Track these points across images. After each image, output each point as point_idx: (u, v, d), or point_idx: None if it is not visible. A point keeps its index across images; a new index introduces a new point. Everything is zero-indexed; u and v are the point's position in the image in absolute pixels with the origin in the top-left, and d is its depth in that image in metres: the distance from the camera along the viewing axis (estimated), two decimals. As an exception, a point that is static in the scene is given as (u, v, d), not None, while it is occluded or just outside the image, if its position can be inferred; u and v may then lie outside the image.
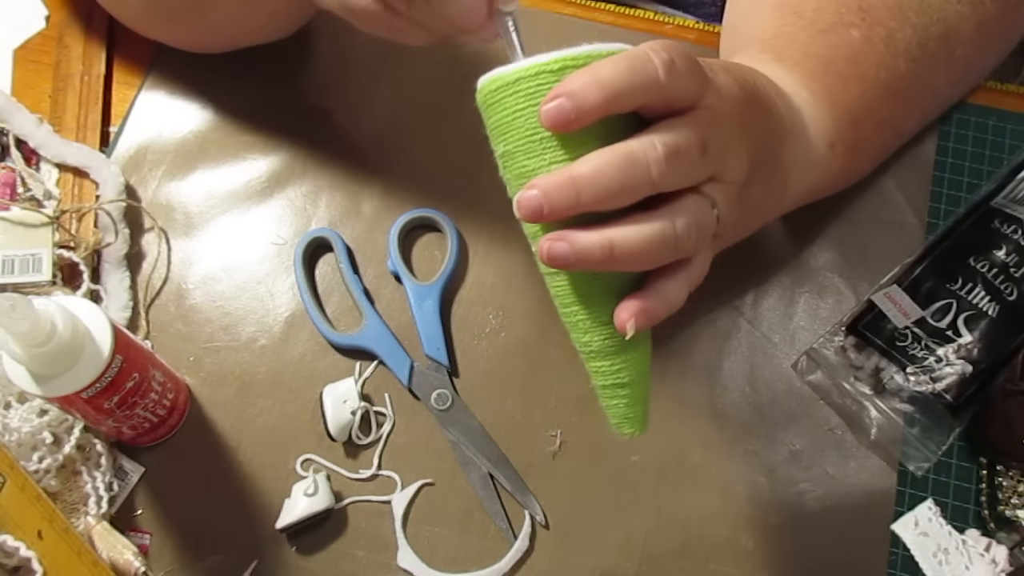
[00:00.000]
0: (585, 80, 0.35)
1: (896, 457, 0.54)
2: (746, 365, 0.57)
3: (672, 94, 0.37)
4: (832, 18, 0.53)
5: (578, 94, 0.35)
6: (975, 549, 0.52)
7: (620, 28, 0.67)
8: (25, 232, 0.57)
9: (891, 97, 0.54)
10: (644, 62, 0.36)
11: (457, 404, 0.57)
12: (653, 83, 0.36)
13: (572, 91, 0.35)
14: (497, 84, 0.38)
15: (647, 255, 0.37)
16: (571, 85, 0.36)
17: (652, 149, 0.36)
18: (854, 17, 0.53)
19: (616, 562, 0.53)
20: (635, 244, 0.37)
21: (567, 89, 0.36)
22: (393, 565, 0.54)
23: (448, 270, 0.59)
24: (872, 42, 0.53)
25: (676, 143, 0.37)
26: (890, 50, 0.53)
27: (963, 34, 0.55)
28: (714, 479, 0.55)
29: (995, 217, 0.57)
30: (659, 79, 0.36)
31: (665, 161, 0.36)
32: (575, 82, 0.36)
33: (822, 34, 0.53)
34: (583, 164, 0.36)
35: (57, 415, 0.53)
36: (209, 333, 0.59)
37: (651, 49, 0.37)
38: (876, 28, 0.53)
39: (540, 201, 0.36)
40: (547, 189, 0.36)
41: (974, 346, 0.53)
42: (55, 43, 0.65)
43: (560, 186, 0.36)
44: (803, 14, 0.54)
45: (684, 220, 0.38)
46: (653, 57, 0.36)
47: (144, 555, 0.53)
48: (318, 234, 0.60)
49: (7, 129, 0.61)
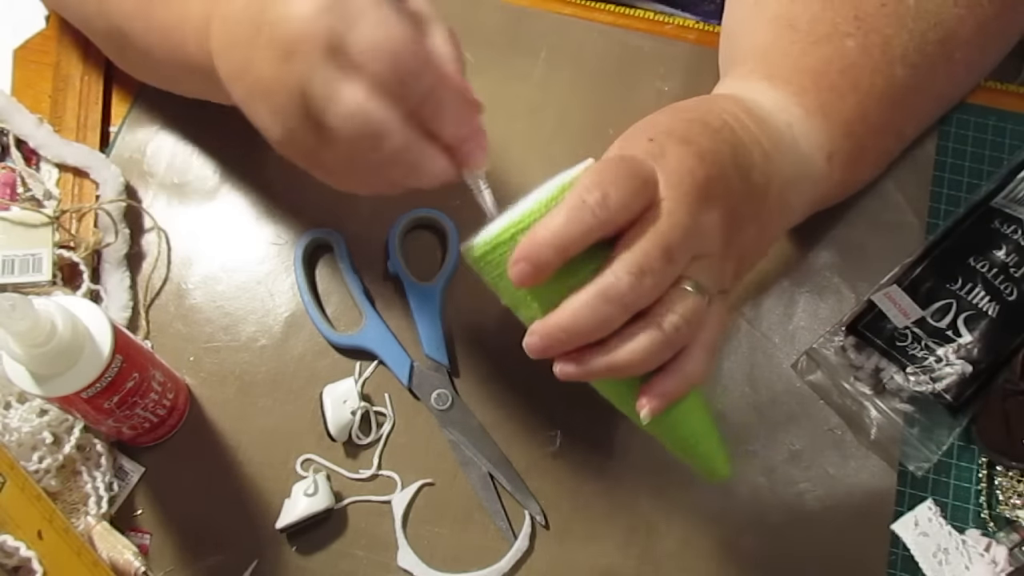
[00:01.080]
0: (534, 242, 0.39)
1: (896, 457, 0.54)
2: (746, 365, 0.57)
3: (617, 221, 0.40)
4: (827, 29, 0.53)
5: (532, 256, 0.39)
6: (975, 549, 0.52)
7: (620, 28, 0.67)
8: (25, 232, 0.57)
9: (889, 104, 0.54)
10: (578, 210, 0.39)
11: (457, 404, 0.57)
12: (594, 224, 0.39)
13: (527, 255, 0.39)
14: (472, 257, 0.42)
15: (646, 363, 0.41)
16: (524, 250, 0.39)
17: (618, 282, 0.39)
18: (849, 27, 0.52)
19: (616, 562, 0.53)
20: (632, 358, 0.41)
21: (522, 254, 0.39)
22: (393, 565, 0.54)
23: (448, 270, 0.59)
24: (868, 50, 0.52)
25: (638, 265, 0.40)
26: (886, 57, 0.53)
27: (961, 37, 0.55)
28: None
29: (995, 217, 0.57)
30: (597, 219, 0.39)
31: (631, 289, 0.39)
32: (525, 247, 0.39)
33: (815, 46, 0.52)
34: (564, 312, 0.40)
35: (57, 415, 0.53)
36: (209, 333, 0.59)
37: (583, 191, 0.39)
38: (872, 36, 0.52)
39: (540, 346, 0.41)
40: (543, 336, 0.41)
41: (974, 346, 0.53)
42: (55, 43, 0.65)
43: (551, 335, 0.41)
44: (798, 27, 0.53)
45: (670, 319, 0.41)
46: (587, 199, 0.39)
47: (144, 555, 0.53)
48: (318, 234, 0.60)
49: (7, 129, 0.61)
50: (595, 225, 0.39)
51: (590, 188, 0.39)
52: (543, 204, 0.41)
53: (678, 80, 0.65)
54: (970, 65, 0.58)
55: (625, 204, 0.40)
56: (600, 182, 0.39)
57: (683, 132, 0.44)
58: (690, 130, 0.44)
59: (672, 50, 0.66)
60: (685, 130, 0.44)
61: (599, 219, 0.39)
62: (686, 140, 0.43)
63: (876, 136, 0.55)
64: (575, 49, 0.66)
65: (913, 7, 0.53)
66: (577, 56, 0.66)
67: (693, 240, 0.41)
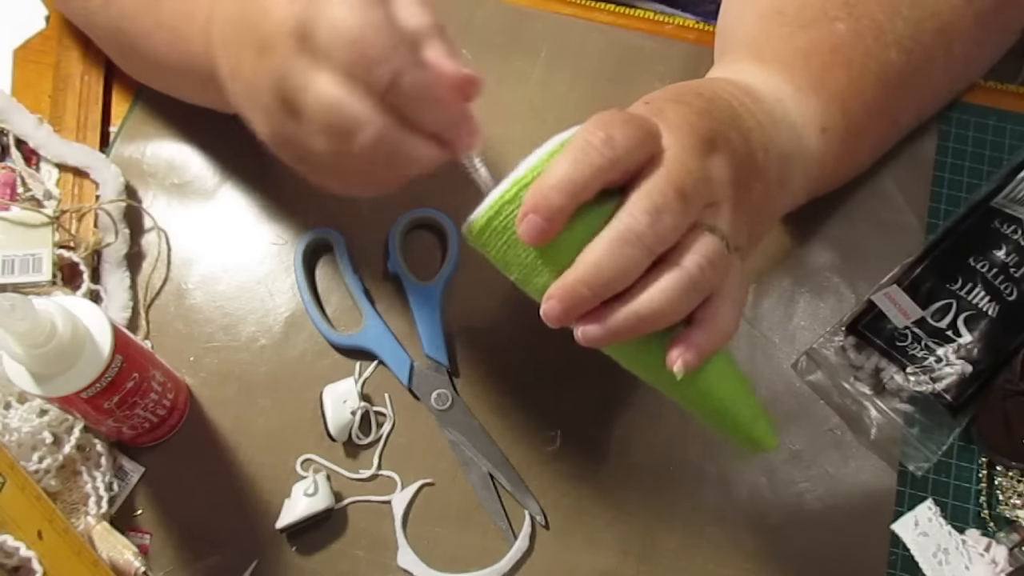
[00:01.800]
0: (541, 191, 0.38)
1: (896, 457, 0.54)
2: (746, 365, 0.57)
3: (625, 163, 0.39)
4: (815, 13, 0.52)
5: (542, 205, 0.37)
6: (975, 549, 0.52)
7: (620, 28, 0.67)
8: (25, 232, 0.57)
9: (883, 86, 0.53)
10: (584, 151, 0.38)
11: (457, 404, 0.57)
12: (601, 165, 0.38)
13: (536, 205, 0.38)
14: (475, 231, 0.41)
15: (674, 309, 0.39)
16: (532, 200, 0.38)
17: (636, 223, 0.38)
18: (839, 12, 0.52)
19: (616, 562, 0.53)
20: (658, 304, 0.39)
21: (531, 205, 0.38)
22: (393, 565, 0.54)
23: (448, 270, 0.59)
24: (859, 34, 0.52)
25: (654, 205, 0.38)
26: (879, 42, 0.52)
27: (960, 29, 0.55)
28: (714, 479, 0.55)
29: (995, 217, 0.57)
30: (605, 158, 0.38)
31: (651, 227, 0.38)
32: (534, 197, 0.38)
33: (803, 30, 0.52)
34: (585, 264, 0.38)
35: (57, 415, 0.53)
36: (209, 333, 0.59)
37: (587, 133, 0.38)
38: (863, 21, 0.52)
39: (560, 309, 0.39)
40: (563, 297, 0.39)
41: (974, 346, 0.53)
42: (55, 43, 0.65)
43: (573, 292, 0.38)
44: (785, 12, 0.53)
45: (693, 258, 0.39)
46: (591, 140, 0.38)
47: (144, 555, 0.53)
48: (318, 234, 0.60)
49: (7, 129, 0.61)
50: (603, 165, 0.38)
51: (593, 130, 0.38)
52: (542, 161, 0.39)
53: (678, 80, 0.64)
54: (969, 59, 0.58)
55: (630, 147, 0.38)
56: (604, 125, 0.38)
57: (678, 96, 0.43)
58: (685, 95, 0.44)
59: (672, 50, 0.66)
60: (680, 95, 0.44)
61: (607, 158, 0.38)
62: (682, 102, 0.43)
63: (870, 116, 0.54)
64: (575, 49, 0.66)
65: None
66: (577, 56, 0.66)
67: (703, 184, 0.40)
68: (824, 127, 0.51)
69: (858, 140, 0.55)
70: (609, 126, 0.38)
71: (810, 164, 0.51)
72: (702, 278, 0.39)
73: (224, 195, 0.62)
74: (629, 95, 0.65)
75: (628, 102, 0.64)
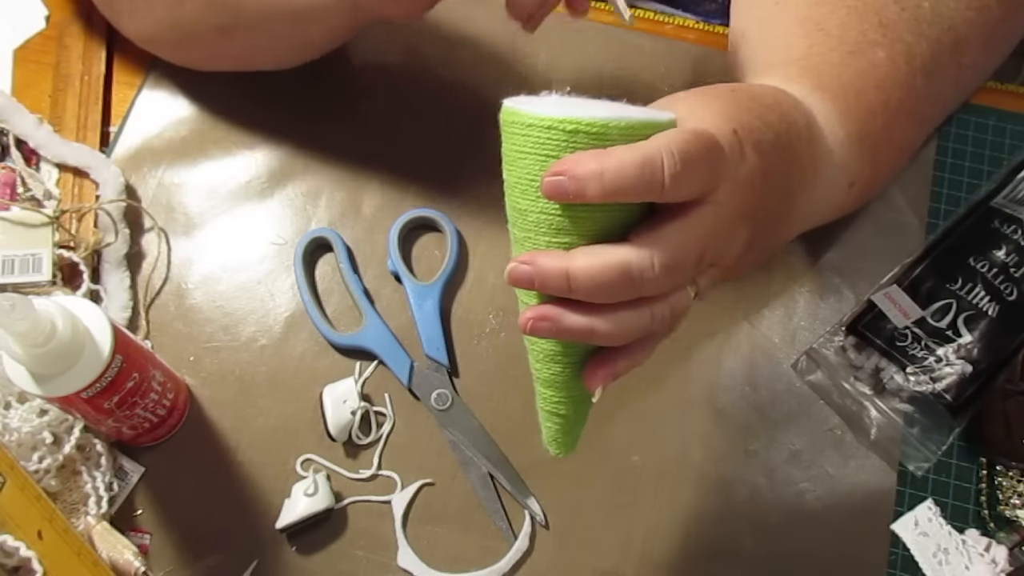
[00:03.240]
0: (591, 168, 0.35)
1: (896, 457, 0.54)
2: (746, 365, 0.57)
3: (674, 197, 0.37)
4: (857, 36, 0.52)
5: (580, 179, 0.35)
6: (975, 549, 0.52)
7: (620, 28, 0.67)
8: (25, 232, 0.57)
9: (907, 118, 0.53)
10: (653, 169, 0.35)
11: (457, 404, 0.57)
12: (656, 188, 0.36)
13: (576, 175, 0.35)
14: (512, 119, 0.37)
15: (622, 339, 0.39)
16: (577, 168, 0.35)
17: (649, 268, 0.37)
18: (876, 35, 0.52)
19: (616, 562, 0.53)
20: (614, 333, 0.38)
21: (571, 171, 0.35)
22: (393, 565, 0.54)
23: (448, 270, 0.59)
24: (895, 62, 0.52)
25: (673, 260, 0.37)
26: (910, 68, 0.52)
27: (971, 40, 0.55)
28: (714, 479, 0.55)
29: (995, 217, 0.57)
30: (663, 186, 0.36)
31: (657, 281, 0.37)
32: (581, 166, 0.35)
33: (851, 56, 0.51)
34: (580, 264, 0.37)
35: (57, 415, 0.53)
36: (209, 333, 0.59)
37: (665, 153, 0.36)
38: (897, 45, 0.52)
39: (532, 276, 0.37)
40: (541, 270, 0.37)
41: (974, 346, 0.53)
42: (55, 43, 0.65)
43: (555, 274, 0.37)
44: (829, 31, 0.52)
45: (662, 310, 0.39)
46: (665, 161, 0.35)
47: (144, 555, 0.53)
48: (318, 234, 0.60)
49: (7, 129, 0.61)
50: (654, 189, 0.36)
51: (673, 153, 0.36)
52: (616, 125, 0.36)
53: (678, 80, 0.65)
54: (976, 69, 0.58)
55: (691, 189, 0.37)
56: (686, 154, 0.36)
57: (760, 138, 0.42)
58: (765, 137, 0.42)
59: (672, 50, 0.66)
60: (762, 136, 0.42)
61: (661, 187, 0.36)
62: (761, 150, 0.41)
63: (894, 155, 0.55)
64: (575, 49, 0.66)
65: (928, 11, 0.53)
66: (577, 56, 0.66)
67: (724, 251, 0.40)
68: (853, 181, 0.51)
69: (876, 184, 0.55)
70: (689, 159, 0.36)
71: (824, 214, 0.52)
72: (659, 329, 0.39)
73: (224, 195, 0.62)
74: (629, 95, 0.66)
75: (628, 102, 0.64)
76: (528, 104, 0.37)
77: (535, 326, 0.38)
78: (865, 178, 0.52)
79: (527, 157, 0.37)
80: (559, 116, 0.36)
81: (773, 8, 0.56)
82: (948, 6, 0.53)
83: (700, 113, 0.40)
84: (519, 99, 0.38)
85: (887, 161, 0.54)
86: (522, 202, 0.38)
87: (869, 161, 0.51)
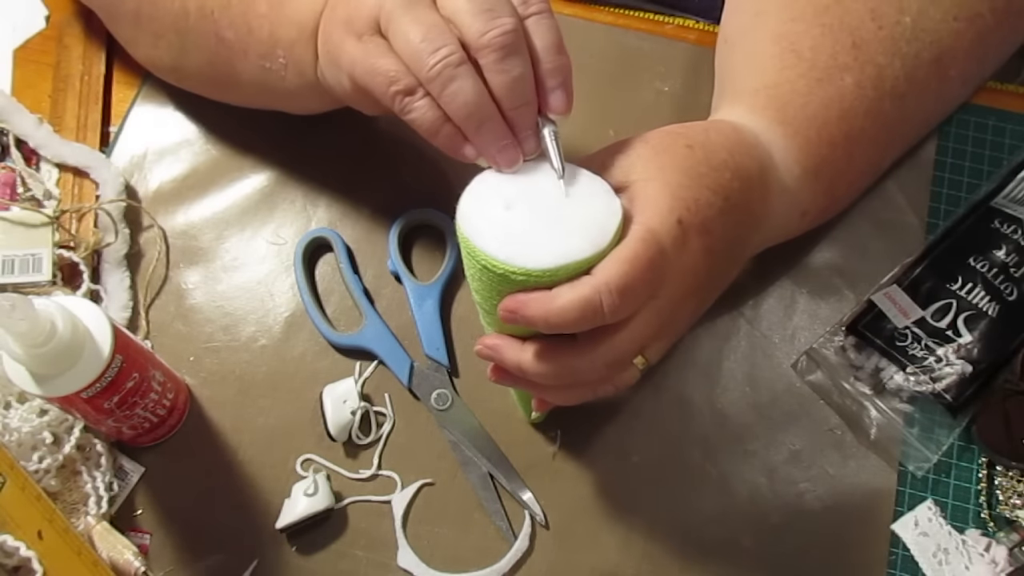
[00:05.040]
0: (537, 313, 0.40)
1: (896, 457, 0.54)
2: (746, 365, 0.57)
3: (617, 320, 0.41)
4: (827, 60, 0.52)
5: (529, 319, 0.40)
6: (975, 549, 0.52)
7: (620, 28, 0.67)
8: (25, 232, 0.57)
9: (871, 145, 0.54)
10: (593, 310, 0.39)
11: (457, 404, 0.57)
12: (598, 321, 0.40)
13: (525, 316, 0.40)
14: (467, 246, 0.42)
15: (567, 402, 0.47)
16: (526, 311, 0.40)
17: (592, 370, 0.42)
18: (848, 58, 0.52)
19: (616, 562, 0.53)
20: (558, 398, 0.47)
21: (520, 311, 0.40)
22: (393, 565, 0.54)
23: (448, 270, 0.59)
24: (862, 88, 0.52)
25: (616, 358, 0.42)
26: (878, 92, 0.52)
27: (958, 52, 0.54)
28: (714, 479, 0.55)
29: (995, 217, 0.57)
30: (604, 319, 0.40)
31: (605, 376, 0.44)
32: (530, 310, 0.40)
33: (819, 84, 0.52)
34: (531, 362, 0.43)
35: (57, 415, 0.53)
36: (209, 333, 0.59)
37: (604, 293, 0.39)
38: (867, 68, 0.52)
39: (493, 358, 0.45)
40: (501, 356, 0.44)
41: (974, 346, 0.53)
42: (55, 43, 0.65)
43: (510, 363, 0.44)
44: (801, 54, 0.52)
45: (607, 388, 0.45)
46: (604, 301, 0.39)
47: (144, 555, 0.53)
48: (318, 234, 0.60)
49: (7, 129, 0.61)
50: (596, 322, 0.40)
51: (612, 292, 0.39)
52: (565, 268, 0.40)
53: (678, 80, 0.65)
54: (966, 79, 0.58)
55: (631, 310, 0.41)
56: (624, 288, 0.39)
57: (707, 215, 0.44)
58: (712, 211, 0.44)
59: (672, 50, 0.66)
60: (709, 210, 0.44)
61: (602, 319, 0.40)
62: (707, 228, 0.44)
63: (853, 181, 0.56)
64: (575, 49, 0.66)
65: (910, 26, 0.52)
66: (577, 56, 0.66)
67: (672, 328, 0.45)
68: (806, 211, 0.53)
69: (832, 210, 0.57)
70: (627, 293, 0.40)
71: (772, 241, 0.54)
72: (603, 394, 0.46)
73: (224, 195, 0.62)
74: (629, 95, 0.66)
75: (628, 102, 0.64)
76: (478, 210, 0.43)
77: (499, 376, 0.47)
78: (819, 207, 0.54)
79: (482, 277, 0.42)
80: (510, 265, 0.40)
81: (753, 20, 0.56)
82: (932, 19, 0.53)
83: (651, 191, 0.43)
84: (471, 197, 0.43)
85: (845, 188, 0.56)
86: (477, 296, 0.44)
87: (824, 192, 0.53)
